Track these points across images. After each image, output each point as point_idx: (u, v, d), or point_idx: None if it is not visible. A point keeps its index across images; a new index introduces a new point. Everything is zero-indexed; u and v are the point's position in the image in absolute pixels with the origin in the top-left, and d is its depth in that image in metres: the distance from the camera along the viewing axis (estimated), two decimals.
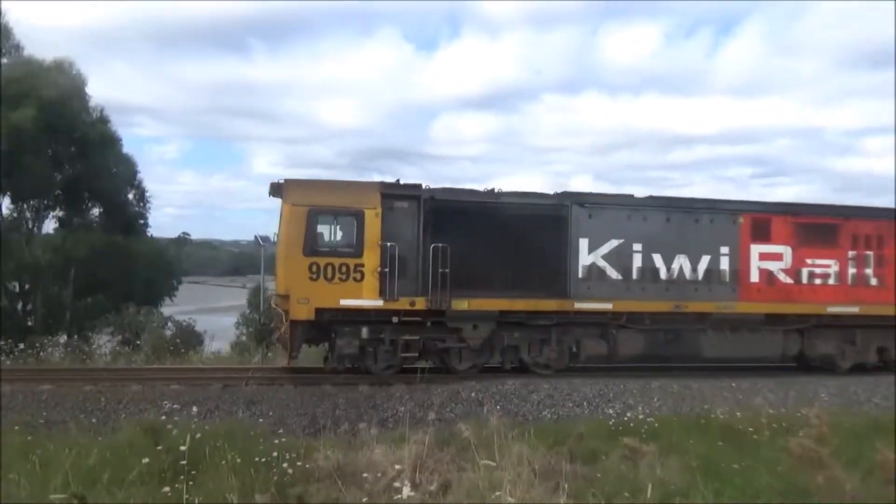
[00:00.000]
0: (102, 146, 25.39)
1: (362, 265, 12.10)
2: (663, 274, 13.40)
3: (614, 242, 13.22)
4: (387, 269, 12.06)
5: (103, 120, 26.68)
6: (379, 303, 12.14)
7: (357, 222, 12.16)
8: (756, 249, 13.84)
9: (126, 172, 26.99)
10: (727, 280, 13.68)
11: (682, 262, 13.49)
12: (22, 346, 16.99)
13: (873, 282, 14.35)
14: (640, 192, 19.64)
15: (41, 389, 11.00)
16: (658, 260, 13.40)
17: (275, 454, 7.18)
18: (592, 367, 13.49)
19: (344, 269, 12.06)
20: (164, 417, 8.98)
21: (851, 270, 14.27)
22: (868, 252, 14.37)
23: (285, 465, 6.90)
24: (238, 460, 6.79)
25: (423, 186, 12.75)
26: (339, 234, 12.38)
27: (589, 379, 12.65)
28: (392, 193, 12.53)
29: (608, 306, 13.10)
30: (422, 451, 7.14)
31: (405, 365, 12.62)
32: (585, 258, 13.12)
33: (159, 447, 6.97)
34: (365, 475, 6.51)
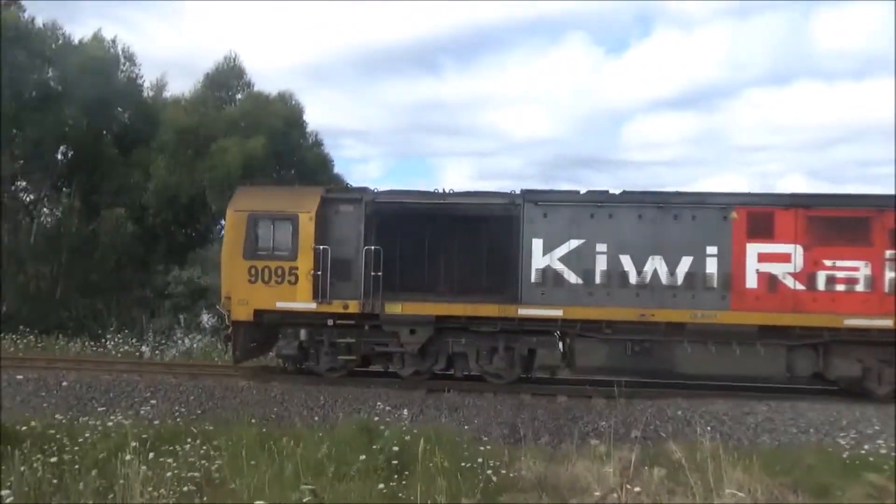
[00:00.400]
0: (317, 169, 27.97)
1: (296, 268, 12.29)
2: (633, 278, 11.88)
3: (574, 243, 12.02)
4: (319, 272, 12.16)
5: (318, 144, 29.47)
6: (312, 305, 12.25)
7: (292, 226, 12.33)
8: (754, 249, 11.71)
9: None
10: (715, 285, 11.74)
11: (656, 264, 11.84)
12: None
13: None
14: (864, 191, 17.20)
15: (272, 386, 12.25)
16: (627, 262, 11.92)
17: (479, 460, 7.32)
18: (819, 388, 12.11)
19: (280, 272, 12.33)
20: (376, 418, 9.58)
21: (890, 274, 11.46)
22: None
23: (489, 472, 7.01)
24: (445, 464, 7.02)
25: (370, 189, 12.78)
26: (276, 238, 12.44)
27: (816, 403, 11.36)
28: (335, 198, 12.76)
29: (558, 313, 11.91)
30: (627, 468, 6.89)
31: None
32: (539, 261, 12.07)
33: (374, 446, 7.43)
34: (570, 490, 6.41)
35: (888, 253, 11.49)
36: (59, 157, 24.82)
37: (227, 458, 6.84)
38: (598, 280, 12.02)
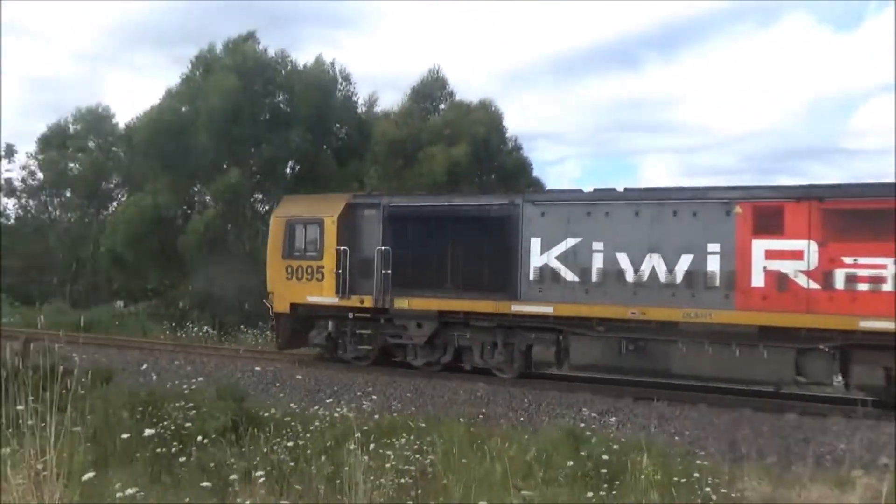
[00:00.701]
0: (517, 173, 28.28)
1: (323, 267, 13.78)
2: (630, 276, 11.75)
3: (570, 241, 12.19)
4: (341, 271, 13.50)
5: (517, 148, 29.79)
6: (335, 300, 13.69)
7: (319, 229, 13.86)
8: (761, 246, 10.99)
9: None
10: (717, 284, 11.20)
11: (654, 262, 11.60)
12: None
13: None
14: None
15: (477, 387, 12.55)
16: (624, 260, 11.82)
17: (696, 475, 6.84)
18: None
19: (310, 270, 13.92)
20: (581, 424, 9.40)
21: None
22: None
23: (708, 488, 6.53)
24: (657, 476, 6.67)
25: (388, 195, 14.23)
26: (307, 240, 14.04)
27: None
28: (360, 203, 14.13)
29: (549, 310, 12.20)
30: (877, 499, 6.01)
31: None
32: (537, 259, 12.40)
33: (582, 452, 7.28)
34: None
35: None
36: (287, 171, 27.77)
37: (440, 455, 7.10)
38: (594, 278, 12.06)
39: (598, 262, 12.06)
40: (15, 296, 24.66)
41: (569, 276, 12.25)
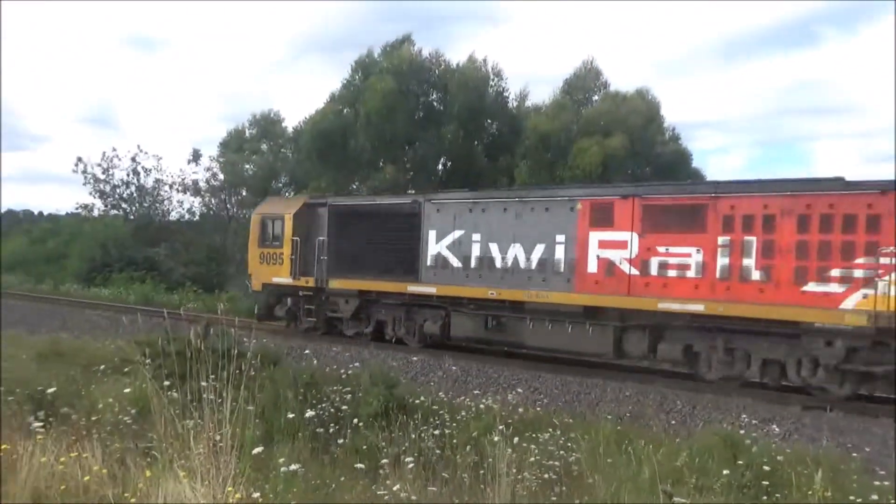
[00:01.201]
0: (675, 163, 26.99)
1: (283, 253, 16.93)
2: (499, 263, 13.86)
3: (457, 234, 14.41)
4: (293, 256, 16.58)
5: (675, 138, 28.43)
6: (290, 280, 16.79)
7: (282, 224, 17.03)
8: (596, 237, 12.78)
9: None
10: (562, 270, 13.14)
11: (516, 251, 13.65)
12: None
13: (756, 276, 11.09)
14: None
15: (625, 386, 12.19)
16: (494, 249, 13.93)
17: (874, 497, 6.19)
18: None
19: (274, 256, 17.13)
20: (741, 431, 8.80)
21: (723, 261, 11.35)
22: (750, 237, 11.15)
23: None
24: (828, 493, 6.10)
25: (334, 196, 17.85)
26: (274, 232, 17.22)
27: None
28: (314, 202, 17.26)
29: (432, 290, 14.56)
30: None
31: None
32: (433, 248, 14.75)
33: (739, 461, 6.83)
34: None
35: (720, 239, 11.43)
36: (440, 167, 28.52)
37: (585, 453, 6.98)
38: (472, 264, 14.33)
39: (475, 250, 14.32)
40: (198, 284, 27.41)
41: (454, 262, 14.61)
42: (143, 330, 9.88)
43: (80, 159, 36.50)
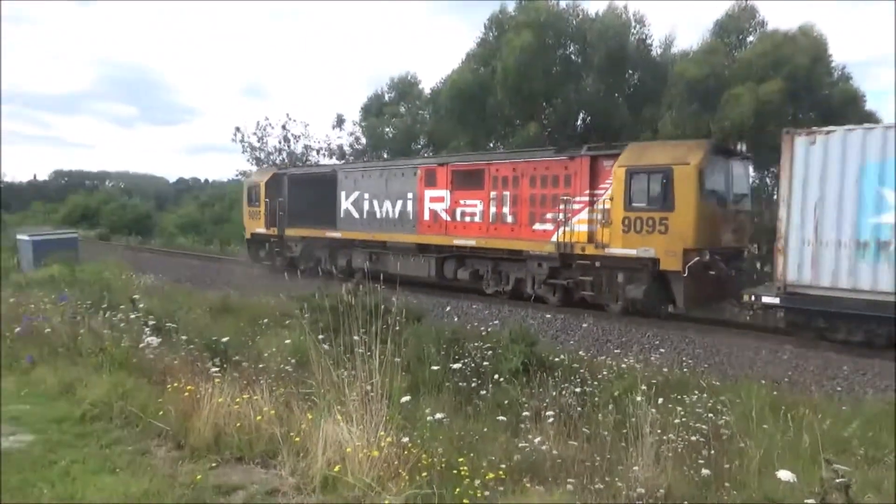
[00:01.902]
0: (845, 107, 24.34)
1: (260, 211, 23.78)
2: (378, 215, 19.58)
3: (356, 194, 20.42)
4: (266, 213, 23.45)
5: (845, 78, 25.59)
6: (264, 230, 23.67)
7: (259, 189, 23.99)
8: (428, 194, 18.13)
9: None
10: (410, 219, 18.62)
11: (387, 206, 19.31)
12: None
13: (509, 219, 16.21)
14: None
15: (784, 349, 11.45)
16: (375, 205, 19.73)
17: None
18: None
19: (256, 213, 24.09)
20: None
21: (493, 209, 16.51)
22: (506, 192, 16.25)
23: None
24: None
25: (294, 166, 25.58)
26: (255, 195, 24.11)
27: None
28: (280, 173, 23.77)
29: (338, 235, 20.76)
30: None
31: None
32: (344, 204, 20.83)
33: None
34: None
35: (492, 194, 16.59)
36: (579, 122, 27.72)
37: (736, 417, 6.68)
38: (364, 216, 20.00)
39: (366, 206, 19.99)
40: None
41: (354, 214, 20.40)
42: (300, 287, 10.62)
43: (237, 129, 39.38)
